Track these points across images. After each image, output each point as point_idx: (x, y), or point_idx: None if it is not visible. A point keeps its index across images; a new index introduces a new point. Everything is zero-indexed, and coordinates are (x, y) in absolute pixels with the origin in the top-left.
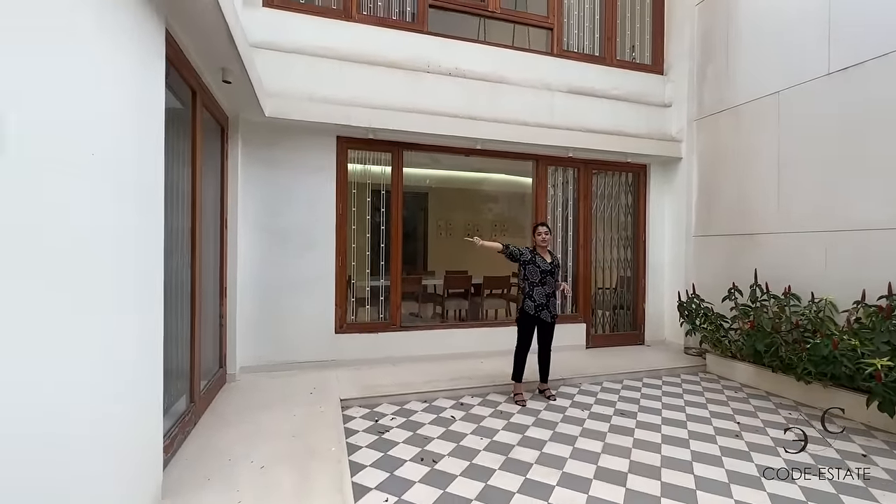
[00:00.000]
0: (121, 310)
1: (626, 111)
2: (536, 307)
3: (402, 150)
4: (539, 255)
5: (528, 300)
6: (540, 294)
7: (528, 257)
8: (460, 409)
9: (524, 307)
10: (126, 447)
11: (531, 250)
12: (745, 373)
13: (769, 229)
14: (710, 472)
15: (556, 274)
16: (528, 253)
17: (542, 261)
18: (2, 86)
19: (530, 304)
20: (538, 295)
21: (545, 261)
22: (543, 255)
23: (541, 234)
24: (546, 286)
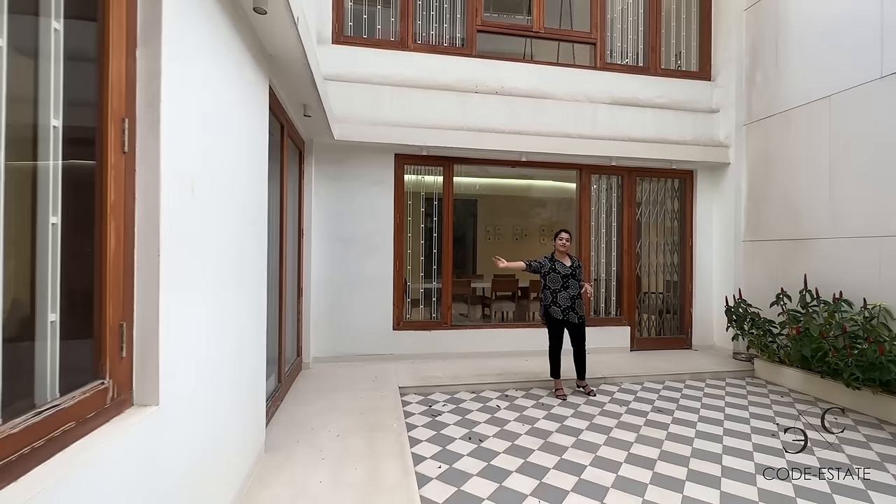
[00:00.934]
0: (248, 300)
1: (670, 119)
2: (563, 311)
3: (453, 164)
4: (558, 261)
5: (553, 305)
6: (564, 298)
7: (547, 267)
8: (505, 400)
9: (550, 312)
10: (246, 404)
11: (550, 259)
12: (794, 378)
13: (820, 234)
14: (739, 463)
15: (577, 275)
16: (546, 263)
17: (561, 266)
18: (194, 160)
19: (556, 309)
20: (562, 299)
21: (565, 265)
22: (563, 260)
23: (562, 239)
24: (569, 289)
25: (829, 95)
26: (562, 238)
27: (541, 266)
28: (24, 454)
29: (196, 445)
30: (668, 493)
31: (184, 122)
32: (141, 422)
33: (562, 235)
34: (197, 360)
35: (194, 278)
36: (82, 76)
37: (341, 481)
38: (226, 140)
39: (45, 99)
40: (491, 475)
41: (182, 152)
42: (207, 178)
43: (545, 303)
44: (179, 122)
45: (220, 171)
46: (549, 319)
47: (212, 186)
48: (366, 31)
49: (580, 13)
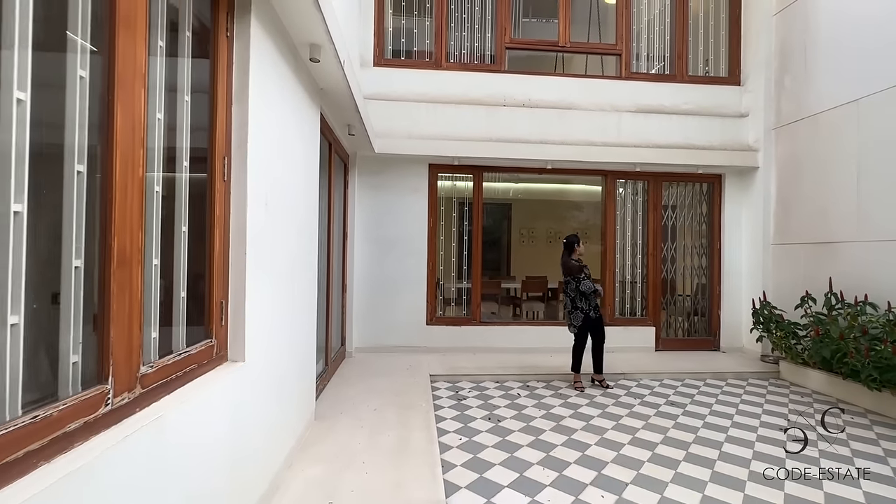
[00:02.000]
0: (302, 290)
1: (696, 124)
2: (594, 310)
3: (482, 172)
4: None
5: (591, 311)
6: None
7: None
8: (526, 389)
9: (587, 315)
10: (301, 374)
11: (581, 264)
12: (817, 380)
13: (847, 238)
14: (738, 450)
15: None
16: (583, 266)
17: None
18: (267, 181)
19: (590, 311)
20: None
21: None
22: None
23: (581, 245)
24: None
25: (857, 99)
26: (582, 244)
27: (585, 275)
28: (172, 379)
29: (268, 396)
30: (662, 470)
31: (262, 154)
32: (233, 371)
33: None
34: (269, 333)
35: (267, 270)
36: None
37: (376, 443)
38: (288, 162)
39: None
40: (505, 448)
41: (260, 177)
42: (277, 194)
43: (586, 311)
44: (259, 155)
45: (285, 187)
46: (584, 321)
47: (279, 200)
48: (403, 52)
49: (608, 24)
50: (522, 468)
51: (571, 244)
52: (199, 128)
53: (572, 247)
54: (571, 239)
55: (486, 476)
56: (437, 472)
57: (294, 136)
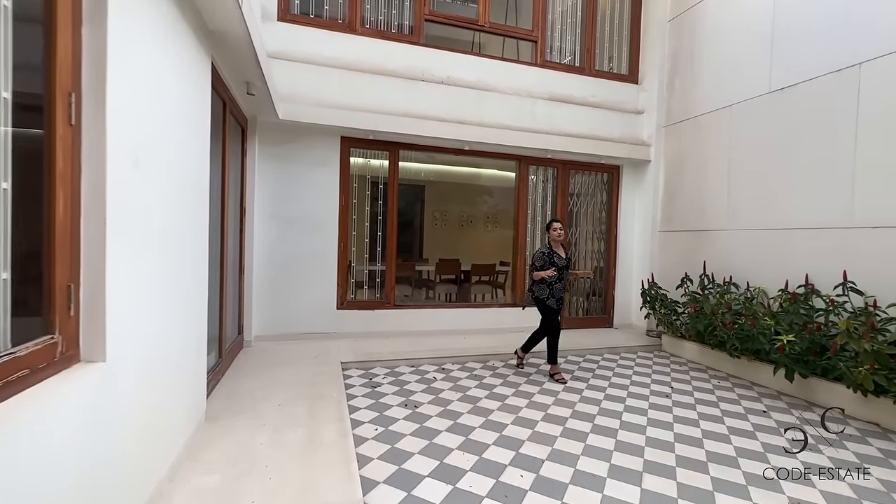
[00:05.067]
0: (188, 272)
1: (600, 117)
2: (557, 301)
3: (398, 149)
4: (556, 252)
5: (551, 297)
6: (559, 289)
7: (548, 262)
8: (441, 372)
9: (548, 304)
10: (187, 370)
11: (548, 252)
12: (691, 351)
13: (718, 226)
14: (633, 418)
15: (569, 268)
16: (546, 257)
17: (558, 258)
18: (138, 133)
19: (553, 300)
20: (557, 290)
21: (561, 257)
22: (558, 251)
23: (556, 229)
24: (562, 280)
25: (730, 105)
26: (555, 228)
27: (544, 263)
28: None
29: (140, 403)
30: (574, 444)
31: (129, 97)
32: (89, 374)
33: (554, 226)
34: (141, 323)
35: (138, 247)
36: (33, 49)
37: (282, 442)
38: (168, 115)
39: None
40: (423, 434)
41: (127, 126)
42: (151, 151)
43: (542, 296)
44: (125, 98)
45: (163, 146)
46: (547, 309)
47: (155, 160)
48: (312, 9)
49: (524, 11)
50: (442, 455)
51: (546, 229)
52: (29, 52)
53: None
54: (546, 225)
55: (405, 467)
56: (352, 469)
57: (177, 84)
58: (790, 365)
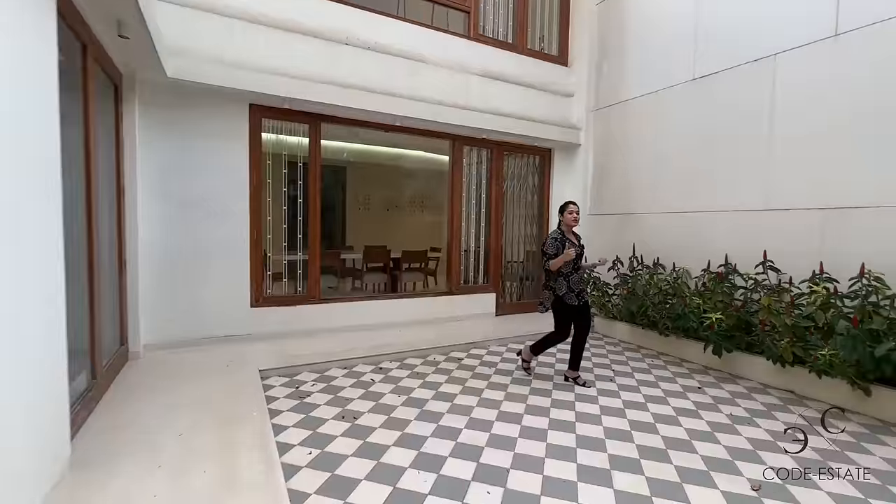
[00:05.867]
0: (31, 275)
1: (534, 98)
2: (577, 295)
3: (320, 123)
4: (569, 239)
5: (569, 292)
6: (576, 281)
7: (562, 248)
8: (379, 372)
9: (565, 300)
10: (33, 410)
11: (561, 237)
12: (622, 331)
13: (646, 210)
14: (586, 408)
15: (583, 254)
16: (559, 243)
17: (572, 244)
18: None
19: (571, 295)
20: (575, 282)
21: (574, 243)
22: (572, 238)
23: (572, 212)
24: (578, 271)
25: (655, 91)
26: (573, 211)
27: (557, 250)
28: None
29: None
30: (535, 444)
31: None
32: None
33: (570, 208)
34: None
35: None
36: None
37: (185, 488)
38: None
39: None
40: (368, 453)
41: None
42: None
43: (560, 292)
44: None
45: None
46: (563, 308)
47: None
48: None
49: None
50: (394, 477)
51: (560, 212)
52: None
53: (559, 216)
54: (560, 208)
55: (351, 502)
56: None
57: None
58: (719, 342)
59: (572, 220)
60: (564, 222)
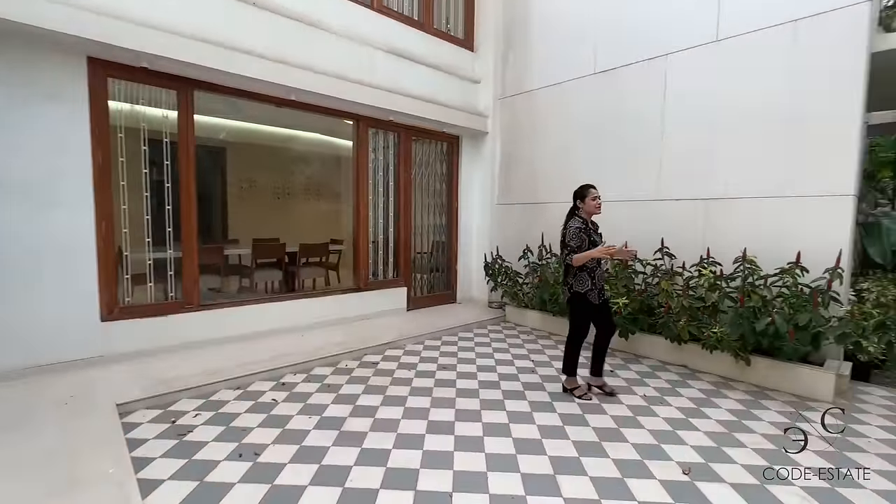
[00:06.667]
0: None
1: (442, 81)
2: (600, 293)
3: (193, 90)
4: (591, 229)
5: (593, 290)
6: (601, 276)
7: (586, 240)
8: (282, 389)
9: (588, 298)
10: None
11: (584, 226)
12: (533, 319)
13: (553, 199)
14: (516, 405)
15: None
16: (583, 233)
17: (596, 234)
18: None
19: (594, 293)
20: (599, 278)
21: (597, 232)
22: (591, 227)
23: (594, 197)
24: (601, 265)
25: (560, 83)
26: (594, 196)
27: (581, 241)
28: None
29: None
30: (473, 457)
31: None
32: None
33: (592, 193)
34: None
35: None
36: None
37: None
38: None
39: None
40: (277, 499)
41: None
42: None
43: (582, 289)
44: None
45: None
46: (584, 307)
47: None
48: None
49: None
50: None
51: (578, 198)
52: None
53: (576, 202)
54: (576, 193)
55: None
56: None
57: None
58: (625, 325)
59: (595, 208)
60: (585, 209)
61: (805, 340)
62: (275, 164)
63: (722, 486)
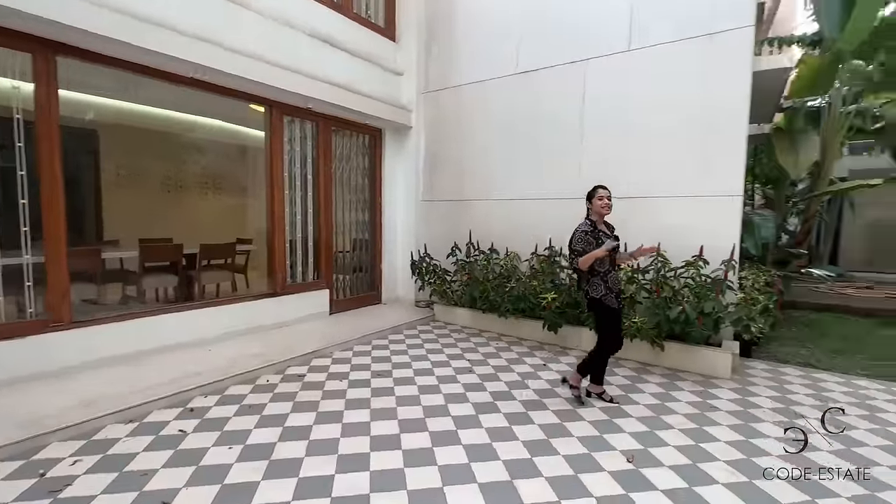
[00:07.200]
0: None
1: (364, 70)
2: (617, 297)
3: (55, 55)
4: (602, 230)
5: (609, 293)
6: (615, 280)
7: (593, 243)
8: (191, 416)
9: (605, 302)
10: None
11: (592, 230)
12: (463, 316)
13: (479, 196)
14: (461, 409)
15: (617, 248)
16: (590, 235)
17: (605, 234)
18: None
19: (612, 296)
20: (614, 281)
21: (608, 233)
22: (604, 229)
23: (602, 197)
24: (616, 267)
25: (484, 80)
26: (603, 196)
27: (587, 245)
28: None
29: None
30: (427, 472)
31: None
32: None
33: (601, 193)
34: None
35: None
36: None
37: None
38: None
39: None
40: None
41: None
42: None
43: (597, 294)
44: None
45: None
46: (605, 311)
47: None
48: None
49: None
50: None
51: (587, 199)
52: None
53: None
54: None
55: None
56: None
57: None
58: (555, 319)
59: (603, 208)
60: (594, 210)
61: (709, 325)
62: (162, 151)
63: (662, 470)
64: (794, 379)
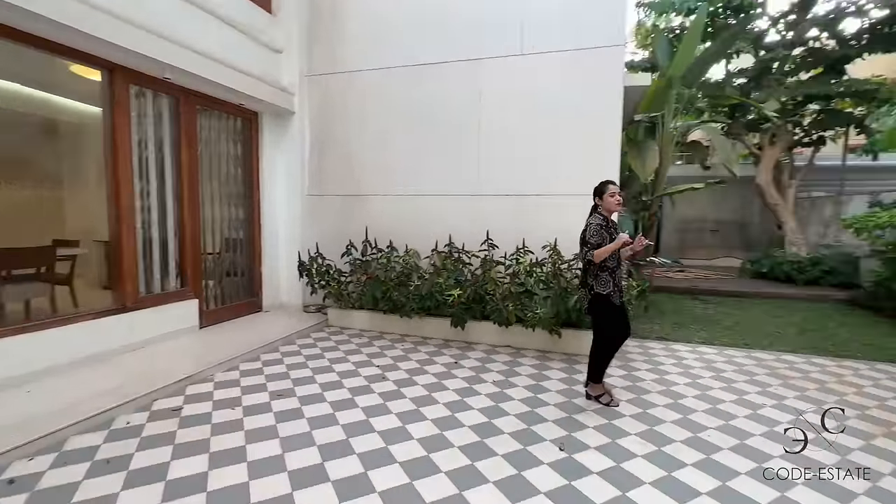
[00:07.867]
0: None
1: (236, 41)
2: (620, 295)
3: None
4: (612, 226)
5: (616, 291)
6: (620, 275)
7: (607, 237)
8: (10, 492)
9: (611, 298)
10: None
11: (604, 223)
12: (361, 319)
13: (375, 192)
14: (385, 422)
15: None
16: (604, 230)
17: (616, 234)
18: None
19: (617, 294)
20: (619, 277)
21: (617, 232)
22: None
23: (613, 193)
24: (622, 264)
25: (379, 69)
26: (613, 192)
27: (602, 239)
28: None
29: None
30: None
31: None
32: None
33: (612, 189)
34: None
35: None
36: None
37: None
38: None
39: None
40: None
41: None
42: None
43: (605, 290)
44: None
45: None
46: (607, 310)
47: None
48: None
49: None
50: None
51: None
52: None
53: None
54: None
55: None
56: None
57: None
58: (461, 315)
59: (616, 205)
60: (605, 206)
61: None
62: None
63: (591, 453)
64: (658, 352)
